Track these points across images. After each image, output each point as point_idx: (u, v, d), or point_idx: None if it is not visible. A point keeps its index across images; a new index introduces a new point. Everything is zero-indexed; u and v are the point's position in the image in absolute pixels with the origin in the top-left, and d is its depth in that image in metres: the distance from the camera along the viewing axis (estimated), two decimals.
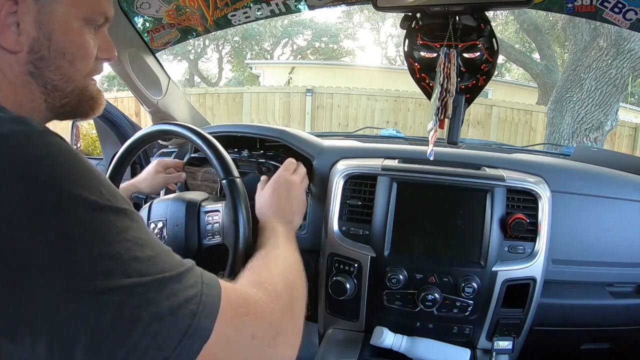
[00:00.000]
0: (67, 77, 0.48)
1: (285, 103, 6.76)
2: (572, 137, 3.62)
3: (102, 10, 0.50)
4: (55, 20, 0.46)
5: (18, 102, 0.46)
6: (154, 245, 0.40)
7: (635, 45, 3.33)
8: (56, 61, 0.47)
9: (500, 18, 9.22)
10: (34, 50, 0.45)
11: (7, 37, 0.43)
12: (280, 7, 1.00)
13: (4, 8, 0.42)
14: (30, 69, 0.46)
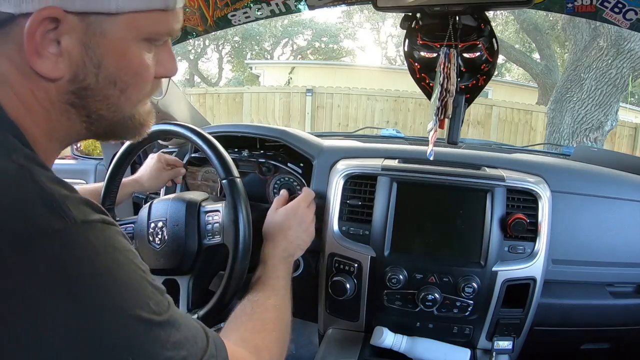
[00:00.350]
0: (117, 107, 0.42)
1: (285, 103, 6.75)
2: (572, 137, 3.62)
3: (168, 28, 0.42)
4: (107, 44, 0.38)
5: (52, 129, 0.40)
6: (186, 340, 0.39)
7: (635, 45, 3.33)
8: (105, 90, 0.40)
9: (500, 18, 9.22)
10: (78, 78, 0.38)
11: (42, 61, 0.36)
12: (280, 7, 1.00)
13: (40, 25, 0.35)
14: (72, 99, 0.39)
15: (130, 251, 0.38)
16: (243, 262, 0.71)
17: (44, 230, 0.32)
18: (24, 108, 0.38)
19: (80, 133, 0.43)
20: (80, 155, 1.44)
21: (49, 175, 0.36)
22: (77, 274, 0.33)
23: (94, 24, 0.37)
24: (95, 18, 0.37)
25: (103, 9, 0.37)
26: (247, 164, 1.09)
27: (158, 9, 0.40)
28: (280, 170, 1.08)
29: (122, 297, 0.35)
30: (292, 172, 1.06)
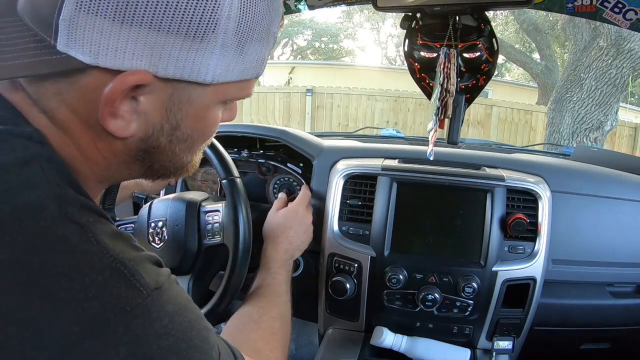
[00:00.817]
0: (179, 158, 0.40)
1: (285, 103, 6.75)
2: (572, 137, 3.62)
3: (249, 93, 0.40)
4: (191, 110, 0.36)
5: (109, 177, 0.39)
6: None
7: (635, 45, 3.33)
8: (174, 147, 0.38)
9: (500, 18, 9.22)
10: (151, 138, 0.36)
11: (116, 121, 0.33)
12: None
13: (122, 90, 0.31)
14: (140, 155, 0.37)
15: (191, 301, 0.36)
16: (243, 262, 0.71)
17: (123, 307, 0.29)
18: (82, 156, 0.35)
19: (135, 177, 0.42)
20: None
21: (109, 230, 0.33)
22: (158, 347, 0.30)
23: (182, 90, 0.34)
24: (185, 85, 0.34)
25: (198, 79, 0.33)
26: (247, 164, 1.09)
27: (251, 78, 0.38)
28: (280, 171, 1.08)
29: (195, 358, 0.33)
30: (291, 172, 1.06)
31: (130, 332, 0.29)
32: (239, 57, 0.34)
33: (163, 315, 0.31)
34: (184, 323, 0.32)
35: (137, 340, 0.29)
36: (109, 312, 0.28)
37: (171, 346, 0.31)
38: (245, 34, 0.34)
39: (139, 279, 0.31)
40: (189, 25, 0.30)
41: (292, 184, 1.08)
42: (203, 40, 0.31)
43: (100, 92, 0.31)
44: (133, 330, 0.29)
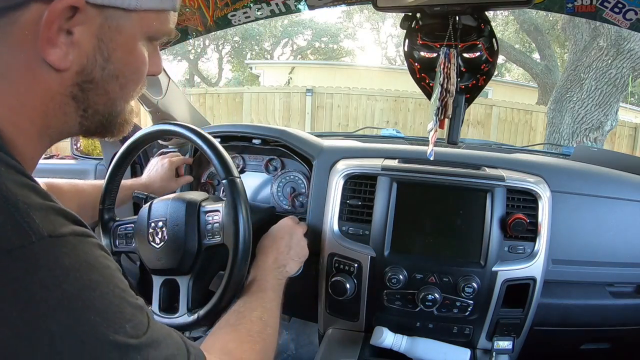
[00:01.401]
0: (113, 102, 0.42)
1: (285, 103, 6.75)
2: (572, 137, 3.62)
3: (169, 29, 0.43)
4: (120, 39, 0.38)
5: (46, 124, 0.39)
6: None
7: (635, 45, 3.33)
8: (107, 85, 0.40)
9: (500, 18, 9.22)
10: (85, 71, 0.38)
11: (54, 50, 0.35)
12: (280, 7, 1.00)
13: (57, 12, 0.34)
14: (75, 91, 0.39)
15: (108, 267, 0.34)
16: (243, 262, 0.71)
17: (3, 247, 0.29)
18: (19, 105, 0.37)
19: (72, 129, 0.42)
20: (80, 155, 1.44)
21: (18, 179, 0.33)
22: (43, 300, 0.29)
23: (110, 18, 0.37)
24: (113, 12, 0.37)
25: (123, 4, 0.37)
26: (254, 160, 1.10)
27: (167, 9, 0.41)
28: (287, 168, 1.09)
29: (94, 322, 0.31)
30: (298, 170, 1.07)
31: (9, 274, 0.28)
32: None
33: (54, 265, 0.30)
34: (82, 281, 0.31)
35: (18, 283, 0.28)
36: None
37: (60, 300, 0.29)
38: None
39: (30, 223, 0.30)
40: None
41: (297, 183, 1.09)
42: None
43: (39, 24, 0.34)
44: (12, 273, 0.28)
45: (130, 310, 0.34)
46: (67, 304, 0.30)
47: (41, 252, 0.30)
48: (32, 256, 0.29)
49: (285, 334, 1.51)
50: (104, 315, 0.32)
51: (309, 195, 1.00)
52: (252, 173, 1.15)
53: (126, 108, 0.45)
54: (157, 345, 0.36)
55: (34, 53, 0.35)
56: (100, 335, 0.31)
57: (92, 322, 0.31)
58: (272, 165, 1.11)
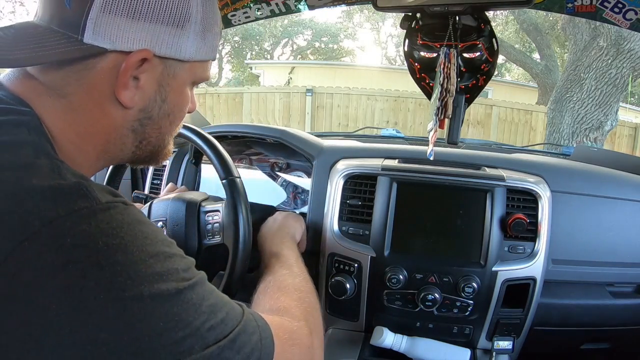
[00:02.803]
0: (163, 135, 0.51)
1: (285, 103, 6.75)
2: (572, 137, 3.62)
3: (208, 75, 0.52)
4: (174, 84, 0.47)
5: (105, 150, 0.47)
6: (222, 304, 0.42)
7: (635, 45, 3.33)
8: (161, 121, 0.49)
9: (500, 18, 9.22)
10: (146, 109, 0.46)
11: (126, 92, 0.43)
12: (280, 7, 1.00)
13: (132, 62, 0.42)
14: (135, 125, 0.47)
15: (154, 225, 0.41)
16: (243, 262, 0.71)
17: (72, 209, 0.35)
18: (85, 132, 0.44)
19: (125, 156, 0.50)
20: None
21: (77, 172, 0.40)
22: (105, 245, 0.35)
23: (169, 67, 0.46)
24: (172, 62, 0.46)
25: (179, 57, 0.46)
26: (260, 161, 1.11)
27: (210, 60, 0.51)
28: (292, 168, 1.09)
29: (149, 265, 0.36)
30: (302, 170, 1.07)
31: (75, 228, 0.34)
32: (203, 42, 0.47)
33: (111, 220, 0.36)
34: (136, 232, 0.37)
35: (82, 234, 0.34)
36: (62, 212, 0.35)
37: (118, 245, 0.35)
38: (206, 25, 0.47)
39: (90, 192, 0.37)
40: (174, 17, 0.44)
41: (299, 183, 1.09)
42: (183, 28, 0.45)
43: (115, 70, 0.42)
44: (79, 226, 0.34)
45: (180, 258, 0.41)
46: (125, 248, 0.36)
47: (100, 212, 0.36)
48: (92, 213, 0.36)
49: None
50: (158, 259, 0.37)
51: (310, 194, 1.00)
52: (258, 171, 1.15)
53: (171, 141, 0.54)
54: (211, 290, 0.42)
55: (107, 93, 0.43)
56: (155, 276, 0.36)
57: (147, 265, 0.36)
58: (278, 166, 1.11)
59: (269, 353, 0.44)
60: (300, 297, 0.60)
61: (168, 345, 0.35)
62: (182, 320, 0.37)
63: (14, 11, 9.03)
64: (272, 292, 0.61)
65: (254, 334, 0.43)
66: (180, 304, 0.37)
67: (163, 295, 0.36)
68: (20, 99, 0.41)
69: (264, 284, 0.63)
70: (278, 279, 0.64)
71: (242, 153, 1.17)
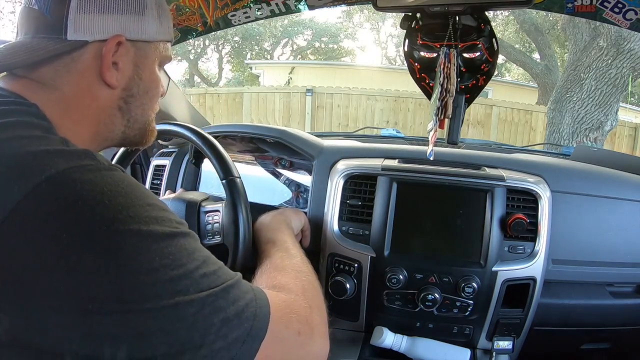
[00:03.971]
0: (145, 112, 0.57)
1: (285, 103, 6.75)
2: (572, 137, 3.62)
3: (170, 55, 0.59)
4: (146, 63, 0.54)
5: (97, 131, 0.52)
6: (214, 260, 0.45)
7: (635, 45, 3.33)
8: (141, 98, 0.55)
9: (500, 18, 9.22)
10: (128, 87, 0.53)
11: (110, 74, 0.50)
12: (280, 7, 1.00)
13: (110, 47, 0.49)
14: (121, 104, 0.53)
15: (143, 186, 0.45)
16: (243, 262, 0.71)
17: (81, 164, 0.41)
18: (80, 117, 0.50)
19: (115, 137, 0.55)
20: None
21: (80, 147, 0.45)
22: (109, 191, 0.39)
23: (140, 48, 0.53)
24: (141, 44, 0.53)
25: (145, 38, 0.53)
26: (264, 159, 1.11)
27: (169, 41, 0.58)
28: (295, 167, 1.09)
29: (147, 210, 0.41)
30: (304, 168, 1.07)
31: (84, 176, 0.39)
32: (160, 24, 0.55)
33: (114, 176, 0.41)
34: (135, 187, 0.42)
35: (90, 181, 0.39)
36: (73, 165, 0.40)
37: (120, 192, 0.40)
38: (159, 10, 0.54)
39: (99, 158, 0.43)
40: (134, 7, 0.51)
41: (302, 179, 1.09)
42: (143, 14, 0.52)
43: (98, 57, 0.49)
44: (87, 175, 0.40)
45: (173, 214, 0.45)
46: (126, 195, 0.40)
47: (104, 170, 0.41)
48: (98, 171, 0.41)
49: None
50: (154, 209, 0.42)
51: (310, 194, 1.00)
52: (261, 170, 1.15)
53: (153, 117, 0.59)
54: (206, 250, 0.45)
55: (93, 78, 0.50)
56: (151, 217, 0.40)
57: (144, 211, 0.40)
58: (281, 164, 1.11)
59: (265, 314, 0.45)
60: (297, 276, 0.60)
61: (164, 281, 0.38)
62: (177, 260, 0.40)
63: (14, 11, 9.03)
64: (268, 272, 0.61)
65: (248, 292, 0.45)
66: (174, 245, 0.41)
67: (159, 234, 0.40)
68: (21, 96, 0.46)
69: (260, 267, 0.64)
70: (275, 261, 0.64)
71: (245, 151, 1.17)
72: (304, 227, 0.89)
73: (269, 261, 0.65)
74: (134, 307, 0.37)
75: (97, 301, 0.36)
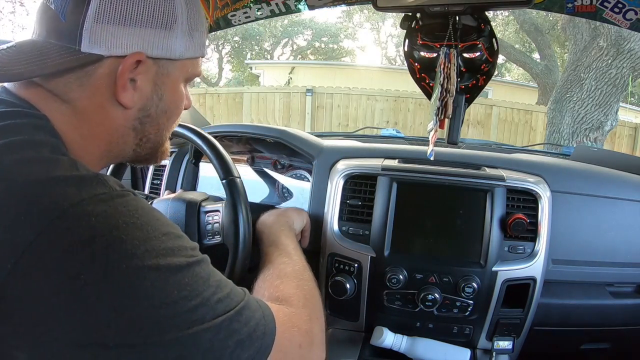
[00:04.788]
0: (161, 132, 0.54)
1: (285, 103, 6.75)
2: (572, 137, 3.62)
3: (199, 71, 0.55)
4: (169, 82, 0.50)
5: (108, 149, 0.50)
6: (225, 281, 0.45)
7: (635, 45, 3.33)
8: (159, 118, 0.52)
9: (500, 18, 9.22)
10: (145, 108, 0.49)
11: (125, 94, 0.46)
12: (280, 7, 1.00)
13: (128, 65, 0.45)
14: (135, 124, 0.50)
15: (158, 211, 0.44)
16: (243, 262, 0.71)
17: (93, 194, 0.39)
18: (89, 134, 0.47)
19: (126, 155, 0.53)
20: None
21: (89, 167, 0.43)
22: (124, 223, 0.38)
23: (162, 66, 0.48)
24: (164, 62, 0.48)
25: (170, 56, 0.48)
26: (264, 160, 1.11)
27: (199, 57, 0.53)
28: (295, 167, 1.09)
29: (163, 241, 0.40)
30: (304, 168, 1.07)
31: (98, 209, 0.38)
32: (191, 41, 0.50)
33: (127, 204, 0.40)
34: (148, 214, 0.41)
35: (104, 214, 0.38)
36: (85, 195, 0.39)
37: (135, 224, 0.39)
38: (191, 24, 0.50)
39: (109, 182, 0.41)
40: (161, 21, 0.46)
41: (303, 180, 1.09)
42: (171, 29, 0.47)
43: (113, 74, 0.45)
44: (100, 207, 0.38)
45: (188, 240, 0.44)
46: (141, 226, 0.39)
47: (116, 198, 0.40)
48: (111, 199, 0.40)
49: None
50: (169, 238, 0.41)
51: (309, 194, 1.00)
52: (260, 170, 1.15)
53: (167, 137, 0.56)
54: (217, 271, 0.45)
55: (107, 96, 0.46)
56: (166, 250, 0.40)
57: (159, 241, 0.40)
58: (280, 164, 1.12)
59: (272, 330, 0.47)
60: (299, 285, 0.61)
61: (183, 312, 0.38)
62: (194, 290, 0.40)
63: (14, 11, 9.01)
64: (271, 280, 0.62)
65: (257, 310, 0.46)
66: (190, 275, 0.41)
67: (176, 267, 0.40)
68: (31, 104, 0.44)
69: (263, 272, 0.65)
70: (277, 267, 0.65)
71: (244, 152, 1.17)
72: (305, 227, 0.89)
73: (272, 266, 0.66)
74: (154, 340, 0.37)
75: (117, 337, 0.36)
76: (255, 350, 0.44)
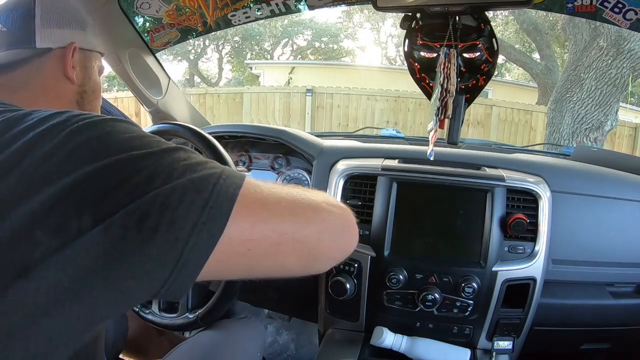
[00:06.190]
0: (95, 108, 0.67)
1: (285, 103, 6.75)
2: (572, 137, 3.62)
3: (102, 66, 0.71)
4: (93, 67, 0.67)
5: None
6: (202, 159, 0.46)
7: (635, 45, 3.33)
8: (91, 96, 0.66)
9: (500, 18, 9.22)
10: (82, 84, 0.64)
11: (71, 70, 0.62)
12: (280, 7, 1.00)
13: (70, 51, 0.62)
14: (78, 98, 0.64)
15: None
16: None
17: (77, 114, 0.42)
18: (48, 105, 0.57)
19: None
20: None
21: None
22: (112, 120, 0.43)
23: (87, 55, 0.65)
24: (87, 52, 0.65)
25: (90, 48, 0.66)
26: (261, 158, 1.11)
27: (101, 52, 0.70)
28: (292, 165, 1.09)
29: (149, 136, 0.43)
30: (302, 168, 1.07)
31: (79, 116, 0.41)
32: (96, 39, 0.67)
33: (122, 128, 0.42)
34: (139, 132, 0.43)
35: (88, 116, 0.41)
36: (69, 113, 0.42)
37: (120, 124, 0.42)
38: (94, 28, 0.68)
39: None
40: (80, 24, 0.65)
41: (301, 180, 1.09)
42: (85, 30, 0.65)
43: (61, 59, 0.61)
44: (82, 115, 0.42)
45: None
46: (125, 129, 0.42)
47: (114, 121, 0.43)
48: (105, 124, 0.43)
49: (285, 334, 1.51)
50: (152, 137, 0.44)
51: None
52: (258, 171, 1.15)
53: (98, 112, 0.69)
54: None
55: (58, 76, 0.61)
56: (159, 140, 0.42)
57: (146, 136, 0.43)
58: (278, 163, 1.11)
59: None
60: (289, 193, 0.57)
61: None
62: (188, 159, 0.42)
63: None
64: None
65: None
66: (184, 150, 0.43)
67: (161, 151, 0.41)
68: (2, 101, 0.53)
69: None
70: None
71: (242, 153, 1.17)
72: None
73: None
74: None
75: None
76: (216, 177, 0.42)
